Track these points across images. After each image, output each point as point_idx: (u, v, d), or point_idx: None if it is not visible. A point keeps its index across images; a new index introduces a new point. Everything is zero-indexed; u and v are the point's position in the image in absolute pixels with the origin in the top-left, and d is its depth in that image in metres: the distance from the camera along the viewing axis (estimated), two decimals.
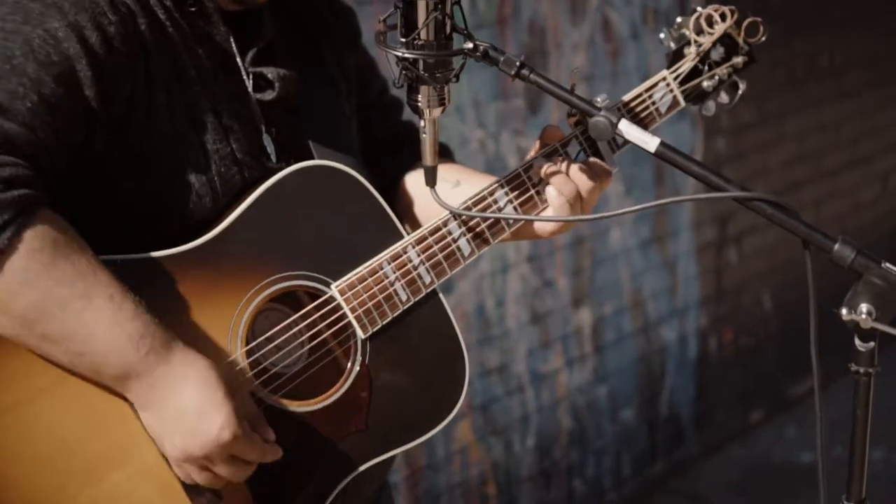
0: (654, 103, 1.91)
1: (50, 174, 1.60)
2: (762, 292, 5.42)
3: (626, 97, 1.90)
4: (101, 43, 1.62)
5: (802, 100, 5.43)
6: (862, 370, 1.57)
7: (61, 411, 1.60)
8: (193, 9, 1.74)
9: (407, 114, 2.07)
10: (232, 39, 1.78)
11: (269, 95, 1.80)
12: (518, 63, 1.67)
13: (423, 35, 1.62)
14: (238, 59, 1.78)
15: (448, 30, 1.64)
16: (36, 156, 1.57)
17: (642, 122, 1.90)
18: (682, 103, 1.93)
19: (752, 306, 5.37)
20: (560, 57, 4.09)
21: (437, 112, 1.68)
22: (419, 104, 1.67)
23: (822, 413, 1.60)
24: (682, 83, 1.93)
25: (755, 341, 5.40)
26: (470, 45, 1.67)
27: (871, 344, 1.56)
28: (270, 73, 1.79)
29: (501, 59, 1.67)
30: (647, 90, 1.91)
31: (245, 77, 1.79)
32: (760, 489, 4.88)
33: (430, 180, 1.73)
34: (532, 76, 1.67)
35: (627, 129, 1.62)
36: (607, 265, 4.48)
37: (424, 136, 1.70)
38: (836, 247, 1.55)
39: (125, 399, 1.62)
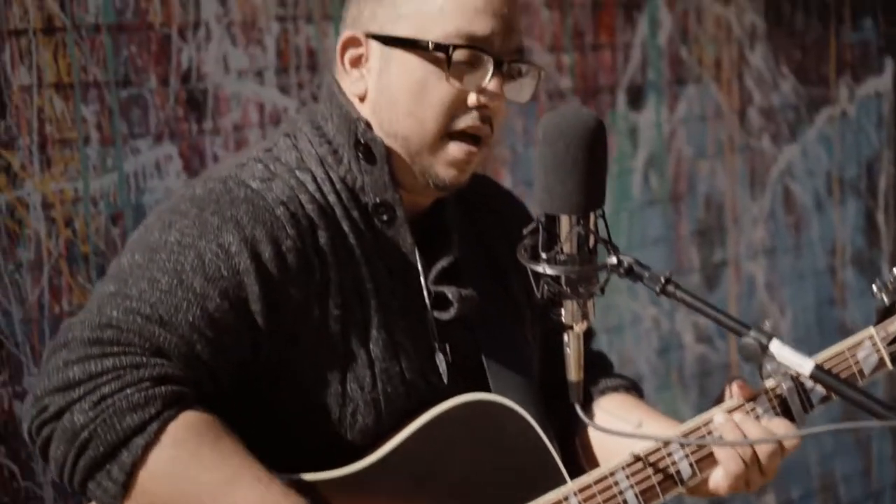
0: (856, 363, 1.78)
1: (205, 387, 1.61)
2: None
3: (824, 355, 1.78)
4: (275, 258, 1.63)
5: None
6: None
7: None
8: (385, 217, 1.73)
9: (595, 342, 2.03)
10: (417, 252, 1.75)
11: (446, 315, 1.76)
12: (663, 279, 1.61)
13: (565, 249, 1.59)
14: (421, 275, 1.75)
15: (591, 243, 1.60)
16: (190, 368, 1.59)
17: None
18: (890, 366, 1.78)
19: None
20: (739, 232, 3.99)
21: (581, 327, 1.63)
22: (563, 319, 1.62)
23: None
24: (891, 342, 1.78)
25: None
26: (614, 261, 1.62)
27: None
28: (451, 292, 1.75)
29: (646, 274, 1.61)
30: (849, 349, 1.78)
31: (425, 294, 1.76)
32: None
33: (575, 395, 1.66)
34: (678, 293, 1.61)
35: (780, 350, 1.53)
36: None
37: (568, 350, 1.64)
38: None
39: None
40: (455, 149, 1.72)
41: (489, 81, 1.71)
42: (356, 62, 1.75)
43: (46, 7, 2.35)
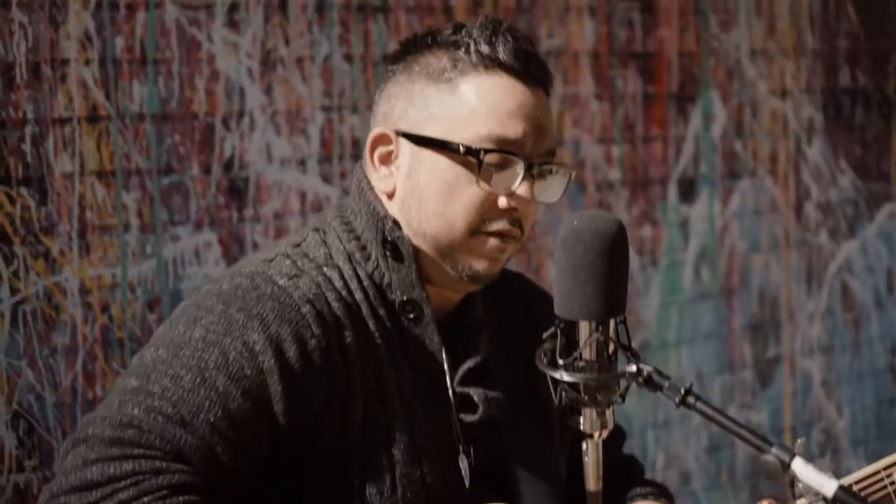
0: (892, 483, 1.71)
1: (222, 489, 1.58)
2: None
3: (858, 474, 1.72)
4: (299, 357, 1.61)
5: None
6: None
7: None
8: (412, 315, 1.71)
9: (627, 445, 1.99)
10: (444, 351, 1.72)
11: (472, 417, 1.72)
12: (684, 390, 1.56)
13: (584, 355, 1.55)
14: (447, 375, 1.72)
15: (611, 350, 1.57)
16: (210, 472, 1.57)
17: None
18: None
19: None
20: (794, 328, 3.91)
21: (600, 435, 1.59)
22: (581, 427, 1.58)
23: None
24: None
25: None
26: (633, 369, 1.58)
27: None
28: (477, 394, 1.72)
29: (666, 384, 1.56)
30: (885, 468, 1.71)
31: (451, 395, 1.72)
32: None
33: None
34: (699, 405, 1.56)
35: (803, 469, 1.47)
36: None
37: (587, 459, 1.60)
38: None
39: None
40: (486, 243, 1.71)
41: (519, 185, 1.69)
42: (385, 159, 1.75)
43: (91, 96, 2.38)
